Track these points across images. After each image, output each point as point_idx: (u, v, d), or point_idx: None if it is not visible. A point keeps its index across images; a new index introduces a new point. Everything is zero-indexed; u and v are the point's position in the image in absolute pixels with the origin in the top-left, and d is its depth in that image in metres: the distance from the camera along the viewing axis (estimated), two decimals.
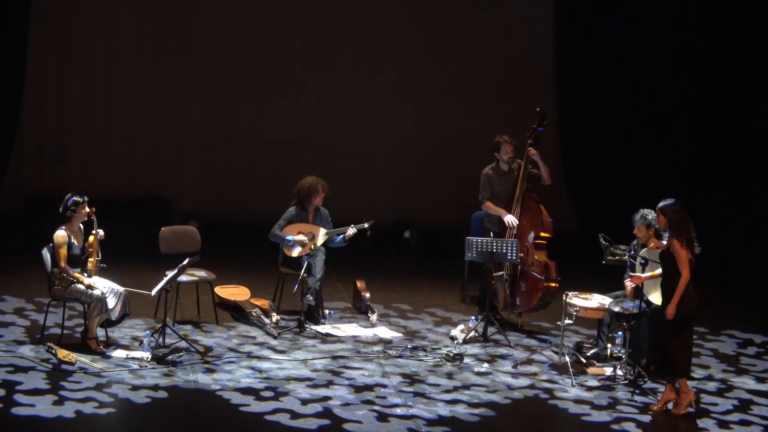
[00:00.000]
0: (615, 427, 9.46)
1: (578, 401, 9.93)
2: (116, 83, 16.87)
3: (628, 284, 10.52)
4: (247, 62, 17.10)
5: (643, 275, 10.38)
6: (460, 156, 16.95)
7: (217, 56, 17.02)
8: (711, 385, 10.61)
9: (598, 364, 10.81)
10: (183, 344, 10.69)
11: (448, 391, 10.00)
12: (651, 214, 10.47)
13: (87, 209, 10.56)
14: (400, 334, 11.73)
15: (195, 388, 9.71)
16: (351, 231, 11.99)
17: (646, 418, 9.65)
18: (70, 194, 10.59)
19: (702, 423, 9.65)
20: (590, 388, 10.25)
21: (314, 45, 17.11)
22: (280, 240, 11.93)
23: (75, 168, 16.78)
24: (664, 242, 10.48)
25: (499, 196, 12.07)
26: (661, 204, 9.85)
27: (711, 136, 16.57)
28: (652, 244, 10.51)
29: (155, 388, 9.62)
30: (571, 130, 17.51)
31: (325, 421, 9.13)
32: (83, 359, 10.09)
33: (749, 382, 10.78)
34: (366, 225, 12.05)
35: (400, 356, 10.94)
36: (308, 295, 11.67)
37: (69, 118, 16.82)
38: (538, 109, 12.14)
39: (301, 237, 11.85)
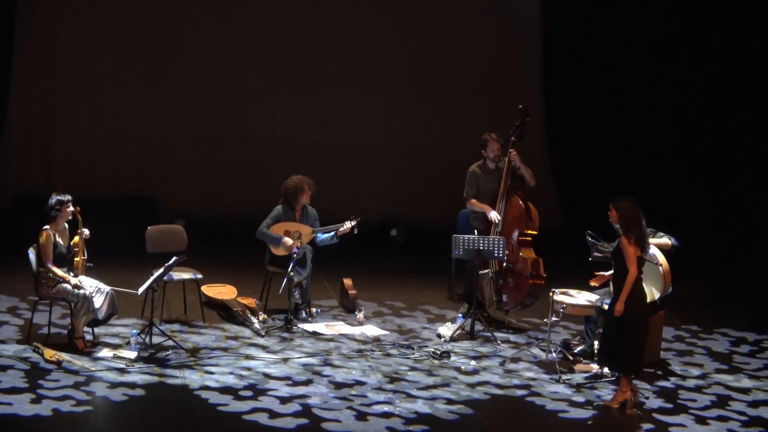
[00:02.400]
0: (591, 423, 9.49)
1: (561, 398, 9.93)
2: (103, 82, 16.85)
3: (593, 283, 10.54)
4: (235, 61, 17.08)
5: (606, 273, 10.41)
6: (446, 154, 16.95)
7: (204, 55, 17.01)
8: (690, 382, 10.61)
9: (585, 361, 10.82)
10: (170, 343, 10.68)
11: (432, 389, 10.00)
12: None
13: (71, 208, 10.55)
14: (388, 332, 11.73)
15: (177, 387, 9.70)
16: (343, 227, 11.98)
17: (625, 415, 9.66)
18: (53, 194, 10.60)
19: (680, 419, 9.64)
20: (577, 385, 10.26)
21: (301, 44, 17.10)
22: (268, 238, 11.92)
23: (62, 167, 16.75)
24: (653, 240, 10.54)
25: (486, 194, 12.08)
26: (614, 199, 9.86)
27: (699, 133, 16.60)
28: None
29: (134, 386, 9.61)
30: (557, 127, 17.53)
31: (304, 420, 9.12)
32: (70, 359, 10.08)
33: (728, 378, 10.80)
34: (353, 223, 12.05)
35: (388, 354, 10.95)
36: (295, 293, 11.68)
37: (55, 118, 16.79)
38: (520, 106, 12.13)
39: (287, 239, 11.84)
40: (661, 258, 10.59)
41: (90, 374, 9.81)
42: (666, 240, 10.74)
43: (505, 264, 11.86)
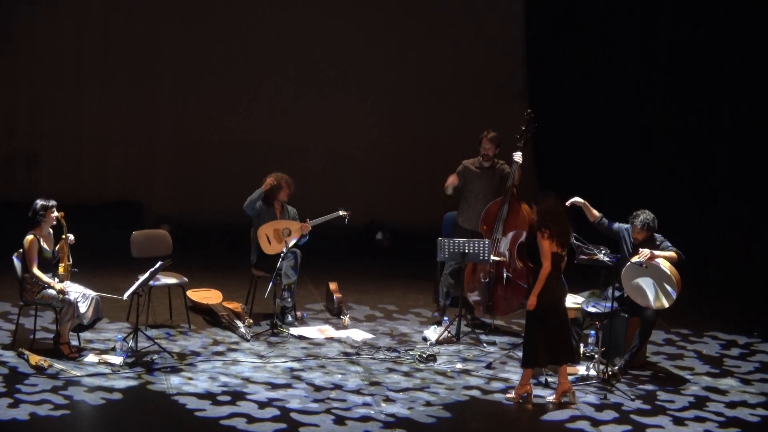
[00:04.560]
0: (570, 426, 9.47)
1: (539, 401, 9.92)
2: (86, 87, 16.80)
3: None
4: (218, 65, 17.06)
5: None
6: (432, 157, 16.95)
7: (188, 59, 16.98)
8: (669, 384, 10.63)
9: (570, 364, 10.82)
10: (155, 348, 10.66)
11: (414, 392, 10.00)
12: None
13: (55, 213, 10.54)
14: (374, 335, 11.74)
15: (159, 392, 9.70)
16: (335, 215, 12.07)
17: (603, 416, 9.65)
18: (38, 199, 10.58)
19: (657, 420, 9.65)
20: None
21: (285, 48, 17.09)
22: (255, 197, 11.97)
23: (46, 173, 16.71)
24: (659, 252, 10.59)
25: (476, 192, 12.08)
26: (540, 196, 9.98)
27: (684, 134, 16.63)
28: None
29: (115, 391, 9.61)
30: (543, 130, 17.47)
31: (282, 425, 9.10)
32: (56, 365, 10.06)
33: (706, 379, 10.83)
34: (341, 212, 12.13)
35: (373, 358, 10.95)
36: (285, 295, 11.71)
37: (39, 123, 16.74)
38: (528, 110, 12.19)
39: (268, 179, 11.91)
40: (672, 269, 10.58)
41: (69, 378, 9.80)
42: (671, 253, 10.71)
43: (506, 274, 11.82)
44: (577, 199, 10.90)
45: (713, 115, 16.29)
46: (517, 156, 11.83)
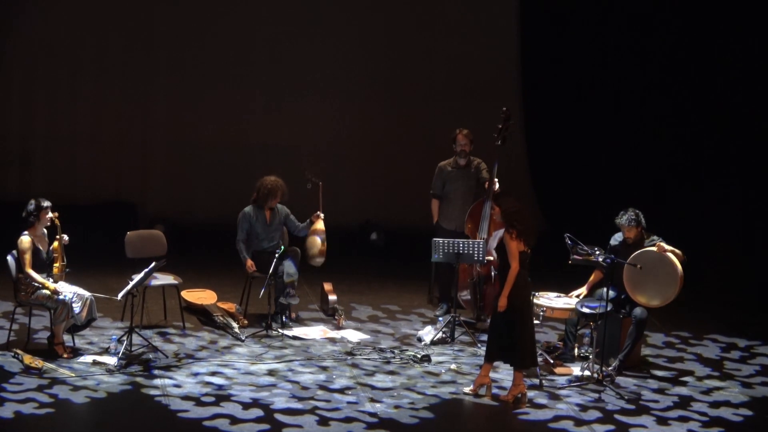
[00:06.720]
0: (552, 425, 9.48)
1: (538, 405, 9.94)
2: (80, 87, 16.79)
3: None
4: (213, 66, 17.05)
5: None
6: (426, 157, 16.91)
7: (181, 60, 16.97)
8: (651, 383, 10.63)
9: (565, 364, 10.84)
10: (149, 349, 10.65)
11: (402, 392, 10.01)
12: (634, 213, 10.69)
13: (50, 214, 10.54)
14: (369, 336, 11.73)
15: (151, 392, 9.70)
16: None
17: (588, 416, 9.66)
18: (32, 200, 10.57)
19: (641, 420, 9.66)
20: (559, 389, 10.29)
21: (278, 48, 17.09)
22: (241, 256, 12.00)
23: (40, 173, 16.70)
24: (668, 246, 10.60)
25: (454, 192, 12.19)
26: (496, 197, 9.99)
27: (678, 134, 16.66)
28: None
29: (103, 391, 9.61)
30: (536, 129, 17.55)
31: (266, 426, 9.10)
32: (49, 365, 10.06)
33: (691, 380, 10.82)
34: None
35: (367, 358, 10.95)
36: (291, 292, 11.74)
37: (33, 123, 16.74)
38: (504, 108, 12.16)
39: (249, 266, 11.87)
40: (678, 264, 10.60)
41: (55, 377, 9.81)
42: (678, 252, 10.73)
43: (494, 273, 11.84)
44: (578, 294, 10.96)
45: (712, 114, 16.31)
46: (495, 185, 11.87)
